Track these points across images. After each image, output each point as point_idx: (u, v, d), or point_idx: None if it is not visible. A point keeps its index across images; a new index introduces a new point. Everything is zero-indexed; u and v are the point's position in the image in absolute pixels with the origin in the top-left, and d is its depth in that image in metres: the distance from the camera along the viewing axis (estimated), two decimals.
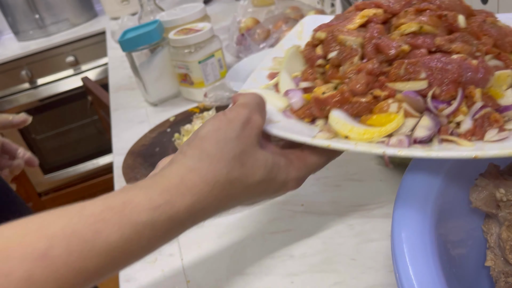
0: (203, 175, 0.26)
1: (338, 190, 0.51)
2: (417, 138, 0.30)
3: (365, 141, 0.31)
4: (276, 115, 0.36)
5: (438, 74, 0.30)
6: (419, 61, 0.31)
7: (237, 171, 0.28)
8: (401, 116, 0.31)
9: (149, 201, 0.25)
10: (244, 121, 0.29)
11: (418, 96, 0.31)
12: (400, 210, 0.29)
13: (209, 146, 0.27)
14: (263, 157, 0.29)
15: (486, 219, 0.34)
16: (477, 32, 0.33)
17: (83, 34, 1.76)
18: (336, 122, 0.32)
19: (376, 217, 0.45)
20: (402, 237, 0.27)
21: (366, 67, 0.33)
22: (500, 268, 0.32)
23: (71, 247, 0.22)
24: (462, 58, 0.31)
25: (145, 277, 0.46)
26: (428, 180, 0.30)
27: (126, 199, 0.24)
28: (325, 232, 0.45)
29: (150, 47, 0.81)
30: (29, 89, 1.79)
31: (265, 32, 0.94)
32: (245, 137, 0.28)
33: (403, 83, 0.31)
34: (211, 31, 0.78)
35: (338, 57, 0.35)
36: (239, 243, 0.47)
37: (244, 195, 0.29)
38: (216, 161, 0.27)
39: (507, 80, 0.31)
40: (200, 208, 0.27)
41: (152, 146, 0.64)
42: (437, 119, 0.31)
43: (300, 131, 0.34)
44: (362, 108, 0.32)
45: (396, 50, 0.32)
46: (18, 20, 1.80)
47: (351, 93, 0.33)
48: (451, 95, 0.30)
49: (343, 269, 0.40)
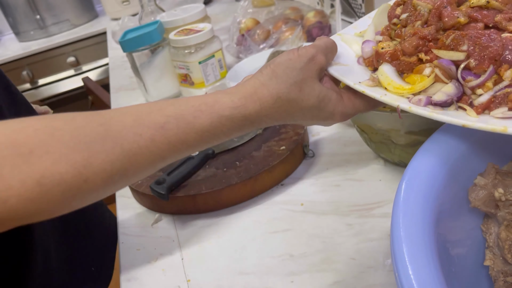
0: (270, 90, 0.35)
1: (337, 190, 0.51)
2: (434, 101, 0.33)
3: (397, 95, 0.35)
4: (351, 60, 0.41)
5: (479, 48, 0.32)
6: (468, 34, 0.33)
7: (295, 94, 0.35)
8: (430, 79, 0.34)
9: (231, 102, 0.34)
10: (310, 57, 0.36)
11: (452, 65, 0.33)
12: (400, 209, 0.29)
13: (279, 70, 0.35)
14: (318, 88, 0.36)
15: (485, 218, 0.34)
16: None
17: (84, 35, 1.76)
18: (381, 74, 0.37)
19: (375, 217, 0.46)
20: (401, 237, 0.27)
21: (419, 32, 0.36)
22: (499, 267, 0.32)
23: (179, 123, 0.31)
24: (510, 38, 0.31)
25: (146, 277, 0.46)
26: (427, 179, 0.31)
27: (216, 99, 0.34)
28: (325, 231, 0.45)
29: (150, 47, 0.81)
30: (30, 89, 1.79)
31: (265, 32, 0.94)
32: (307, 70, 0.36)
33: (446, 51, 0.34)
34: (212, 32, 0.78)
35: (407, 19, 0.38)
36: (239, 243, 0.47)
37: (299, 115, 0.37)
38: (281, 82, 0.35)
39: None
40: (264, 114, 0.35)
41: None
42: (461, 88, 0.33)
43: (357, 76, 0.38)
44: (406, 67, 0.36)
45: (452, 20, 0.34)
46: (19, 21, 1.80)
47: (401, 52, 0.37)
48: (483, 69, 0.32)
49: (342, 269, 0.41)
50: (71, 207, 0.29)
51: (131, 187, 0.57)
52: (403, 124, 0.44)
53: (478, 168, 0.33)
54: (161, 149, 0.31)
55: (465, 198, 0.33)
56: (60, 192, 0.27)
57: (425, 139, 0.33)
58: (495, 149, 0.34)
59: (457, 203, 0.33)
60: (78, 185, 0.27)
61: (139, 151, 0.30)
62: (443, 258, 0.28)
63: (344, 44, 0.43)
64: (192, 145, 0.33)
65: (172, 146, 0.31)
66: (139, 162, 0.30)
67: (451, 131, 0.33)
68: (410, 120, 0.44)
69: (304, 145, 0.58)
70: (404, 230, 0.27)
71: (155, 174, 0.57)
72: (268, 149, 0.56)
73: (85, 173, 0.27)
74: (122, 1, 1.68)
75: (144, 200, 0.56)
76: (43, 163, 0.26)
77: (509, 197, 0.31)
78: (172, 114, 0.32)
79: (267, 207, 0.51)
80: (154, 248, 0.49)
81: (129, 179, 0.31)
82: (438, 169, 0.31)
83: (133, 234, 0.53)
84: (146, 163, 0.31)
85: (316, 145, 0.60)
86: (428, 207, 0.29)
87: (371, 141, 0.51)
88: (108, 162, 0.28)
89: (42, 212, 0.27)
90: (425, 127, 0.43)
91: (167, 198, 0.51)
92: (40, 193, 0.26)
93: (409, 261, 0.25)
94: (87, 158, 0.27)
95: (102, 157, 0.28)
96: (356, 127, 0.52)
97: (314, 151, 0.59)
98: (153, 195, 0.52)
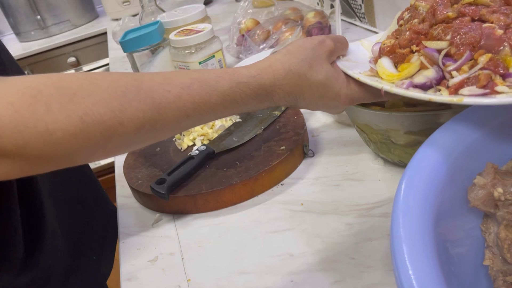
0: (283, 64, 0.39)
1: (337, 190, 0.51)
2: (414, 83, 0.37)
3: (388, 82, 0.39)
4: (364, 59, 0.46)
5: (460, 37, 0.35)
6: (453, 25, 0.36)
7: (305, 69, 0.39)
8: (414, 65, 0.38)
9: (248, 72, 0.38)
10: (320, 40, 0.42)
11: (435, 52, 0.37)
12: (399, 209, 0.29)
13: (293, 49, 0.41)
14: (326, 67, 0.41)
15: (484, 218, 0.34)
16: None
17: (84, 35, 1.76)
18: (378, 65, 0.41)
19: (375, 217, 0.46)
20: (401, 236, 0.27)
21: (414, 27, 0.40)
22: (498, 267, 0.32)
23: (202, 85, 0.35)
24: (490, 27, 0.34)
25: (146, 276, 0.46)
26: (427, 179, 0.31)
27: (235, 70, 0.38)
28: (325, 231, 0.46)
29: (151, 48, 0.81)
30: None
31: (265, 33, 0.95)
32: (318, 50, 0.41)
33: (432, 41, 0.37)
34: (212, 32, 0.78)
35: (409, 19, 0.42)
36: (239, 242, 0.47)
37: (308, 91, 0.40)
38: (293, 57, 0.40)
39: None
40: (277, 85, 0.39)
41: (153, 146, 0.65)
42: (441, 73, 0.36)
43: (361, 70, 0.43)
44: (400, 58, 0.40)
45: (442, 15, 0.38)
46: (19, 21, 1.80)
47: (398, 46, 0.41)
48: (462, 55, 0.35)
49: (342, 268, 0.41)
50: (107, 150, 0.32)
51: (132, 186, 0.57)
52: (403, 124, 0.44)
53: (477, 168, 0.33)
54: (187, 107, 0.34)
55: (464, 198, 0.33)
56: (99, 131, 0.30)
57: (425, 139, 0.33)
58: (494, 148, 0.34)
59: (456, 203, 0.33)
60: (115, 127, 0.31)
61: (167, 105, 0.33)
62: (442, 258, 0.28)
63: (362, 48, 0.48)
64: (214, 107, 0.36)
65: (197, 105, 0.35)
66: (167, 115, 0.34)
67: (450, 131, 0.33)
68: (410, 120, 0.44)
69: (304, 145, 0.58)
70: (404, 230, 0.27)
71: (155, 174, 0.57)
72: (268, 149, 0.57)
73: (120, 116, 0.31)
74: (122, 2, 1.68)
75: (144, 200, 0.56)
76: (85, 103, 0.29)
77: (508, 197, 0.31)
78: (197, 77, 0.36)
79: (267, 207, 0.51)
80: (154, 248, 0.50)
81: (157, 132, 0.34)
82: (438, 169, 0.31)
83: (134, 234, 0.53)
84: (173, 118, 0.34)
85: (316, 145, 0.60)
86: (427, 206, 0.29)
87: (371, 141, 0.51)
88: (141, 111, 0.32)
89: (82, 151, 0.30)
90: (425, 127, 0.43)
91: (167, 198, 0.51)
92: (82, 130, 0.29)
93: (409, 261, 0.25)
94: (123, 103, 0.31)
95: (136, 105, 0.32)
96: (356, 127, 0.52)
97: (314, 151, 0.59)
98: (153, 195, 0.53)
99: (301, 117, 0.62)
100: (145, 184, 0.55)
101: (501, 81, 0.33)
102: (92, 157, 0.32)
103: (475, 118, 0.34)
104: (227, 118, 0.65)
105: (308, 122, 0.66)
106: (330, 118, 0.66)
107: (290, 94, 0.40)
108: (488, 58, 0.34)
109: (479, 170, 0.33)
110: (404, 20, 0.43)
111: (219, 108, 0.36)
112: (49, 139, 0.28)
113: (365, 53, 0.47)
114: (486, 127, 0.34)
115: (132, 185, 0.57)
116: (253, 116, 0.65)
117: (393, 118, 0.44)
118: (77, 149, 0.30)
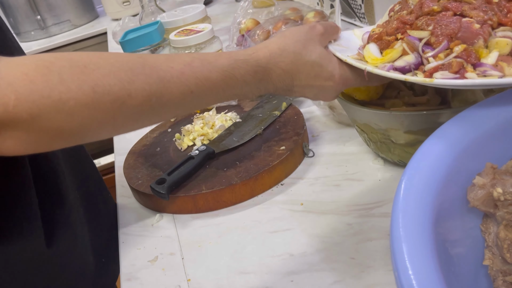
0: (278, 44, 0.41)
1: (337, 190, 0.51)
2: (395, 66, 0.40)
3: (373, 65, 0.42)
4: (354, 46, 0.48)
5: (440, 28, 0.39)
6: (436, 18, 0.40)
7: (299, 48, 0.41)
8: (396, 51, 0.41)
9: (245, 52, 0.40)
10: (312, 26, 0.44)
11: (416, 40, 0.40)
12: (399, 209, 0.29)
13: (286, 33, 0.43)
14: (320, 49, 0.43)
15: (484, 218, 0.34)
16: (508, 6, 0.40)
17: (84, 35, 1.76)
18: (366, 51, 0.45)
19: (375, 216, 0.46)
20: (401, 236, 0.27)
21: (401, 17, 0.43)
22: (498, 267, 0.32)
23: (203, 63, 0.37)
24: (468, 21, 0.38)
25: (146, 276, 0.46)
26: (426, 179, 0.31)
27: (233, 51, 0.40)
28: (325, 231, 0.46)
29: (151, 47, 0.81)
30: None
31: (265, 33, 0.94)
32: (310, 33, 0.43)
33: (415, 31, 0.41)
34: (212, 32, 0.78)
35: (398, 10, 0.46)
36: (239, 242, 0.47)
37: (303, 70, 0.41)
38: (288, 39, 0.42)
39: (505, 47, 0.37)
40: (273, 62, 0.40)
41: (153, 146, 0.65)
42: (420, 59, 0.40)
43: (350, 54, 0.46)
44: (386, 44, 0.43)
45: (428, 8, 0.41)
46: (19, 21, 1.80)
47: (384, 33, 0.44)
48: (440, 44, 0.39)
49: (342, 268, 0.41)
50: (116, 124, 0.33)
51: (132, 186, 0.57)
52: (403, 124, 0.44)
53: (476, 168, 0.33)
54: (190, 82, 0.36)
55: (464, 198, 0.33)
56: (109, 101, 0.31)
57: (425, 138, 0.33)
58: (493, 148, 0.34)
59: (456, 203, 0.33)
60: (123, 98, 0.32)
61: (171, 79, 0.35)
62: (442, 258, 0.28)
63: (354, 36, 0.51)
64: (215, 83, 0.37)
65: (199, 81, 0.36)
66: (172, 90, 0.35)
67: (450, 130, 0.33)
68: (410, 120, 0.44)
69: (304, 145, 0.58)
70: (403, 230, 0.27)
71: (155, 174, 0.57)
72: (268, 149, 0.57)
73: (128, 88, 0.32)
74: (122, 2, 1.68)
75: (144, 200, 0.56)
76: (96, 74, 0.31)
77: (507, 197, 0.31)
78: (197, 56, 0.38)
79: (267, 207, 0.51)
80: (155, 248, 0.50)
81: (164, 107, 0.35)
82: (437, 168, 0.31)
83: (134, 234, 0.53)
84: (178, 93, 0.35)
85: (316, 145, 0.60)
86: (427, 206, 0.29)
87: (371, 141, 0.51)
88: (147, 84, 0.33)
89: (93, 123, 0.31)
90: (424, 127, 0.43)
91: (168, 197, 0.51)
92: (94, 100, 0.30)
93: (408, 261, 0.25)
94: (130, 76, 0.33)
95: (142, 78, 0.33)
96: (355, 127, 0.52)
97: (314, 151, 0.59)
98: (153, 194, 0.53)
99: (301, 117, 0.62)
100: (145, 184, 0.55)
101: (471, 69, 0.37)
102: (102, 131, 0.33)
103: (475, 118, 0.34)
104: (227, 118, 0.65)
105: (308, 122, 0.66)
106: (330, 118, 0.66)
107: (286, 73, 0.41)
108: (462, 48, 0.37)
109: (479, 170, 0.33)
110: (395, 12, 0.46)
111: (220, 85, 0.38)
112: (62, 108, 0.29)
113: (356, 41, 0.50)
114: (485, 127, 0.34)
115: (132, 185, 0.57)
116: (253, 116, 0.65)
117: (393, 117, 0.44)
118: (88, 120, 0.31)
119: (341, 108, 0.61)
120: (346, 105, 0.49)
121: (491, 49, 0.38)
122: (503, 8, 0.39)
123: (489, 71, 0.36)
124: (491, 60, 0.37)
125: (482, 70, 0.37)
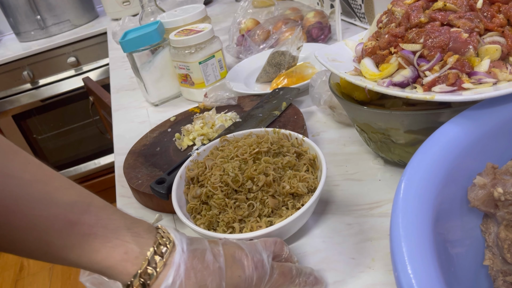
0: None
1: (337, 190, 0.51)
2: (393, 82, 0.42)
3: (371, 80, 0.44)
4: (348, 58, 0.50)
5: (431, 40, 0.40)
6: (425, 29, 0.41)
7: None
8: (393, 65, 0.43)
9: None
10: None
11: (411, 54, 0.42)
12: (399, 209, 0.29)
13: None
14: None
15: (484, 218, 0.34)
16: (491, 10, 0.41)
17: (84, 35, 1.76)
18: (362, 65, 0.46)
19: (375, 216, 0.46)
20: (401, 236, 0.27)
21: (392, 31, 0.44)
22: (498, 267, 0.32)
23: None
24: (457, 31, 0.39)
25: None
26: (426, 179, 0.31)
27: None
28: (325, 231, 0.46)
29: (151, 47, 0.81)
30: (31, 89, 1.79)
31: (265, 33, 0.95)
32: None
33: (408, 44, 0.42)
34: (212, 32, 0.78)
35: (386, 22, 0.47)
36: None
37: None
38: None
39: (495, 53, 0.39)
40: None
41: (153, 146, 0.65)
42: (416, 72, 0.41)
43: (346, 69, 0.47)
44: (381, 58, 0.45)
45: (416, 20, 0.43)
46: (19, 21, 1.80)
47: (377, 47, 0.45)
48: (433, 57, 0.40)
49: (342, 268, 0.41)
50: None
51: (132, 186, 0.57)
52: (403, 123, 0.44)
53: (476, 168, 0.33)
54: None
55: (464, 198, 0.33)
56: None
57: (425, 138, 0.33)
58: (494, 148, 0.34)
59: (456, 203, 0.33)
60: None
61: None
62: (442, 258, 0.28)
63: (347, 47, 0.53)
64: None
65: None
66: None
67: (450, 130, 0.33)
68: (410, 119, 0.44)
69: None
70: (403, 230, 0.27)
71: (155, 174, 0.57)
72: None
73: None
74: (122, 2, 1.68)
75: (144, 200, 0.56)
76: None
77: (508, 197, 0.31)
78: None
79: None
80: None
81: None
82: (438, 168, 0.31)
83: None
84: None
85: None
86: (427, 206, 0.29)
87: (371, 141, 0.51)
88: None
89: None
90: (425, 126, 0.43)
91: (167, 197, 0.51)
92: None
93: (408, 261, 0.25)
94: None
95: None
96: (356, 127, 0.52)
97: None
98: (153, 194, 0.52)
99: (301, 116, 0.62)
100: (145, 184, 0.55)
101: (467, 78, 0.38)
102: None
103: (475, 118, 0.34)
104: (227, 118, 0.65)
105: (308, 122, 0.66)
106: (330, 118, 0.66)
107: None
108: (455, 59, 0.39)
109: (479, 170, 0.33)
110: (383, 24, 0.48)
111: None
112: None
113: (350, 52, 0.51)
114: (485, 127, 0.34)
115: (132, 185, 0.57)
116: (253, 115, 0.65)
117: (393, 117, 0.44)
118: None
119: (341, 108, 0.61)
120: (346, 105, 0.49)
121: (482, 56, 0.39)
122: (487, 13, 0.41)
123: (484, 79, 0.38)
124: (483, 68, 0.38)
125: (477, 78, 0.38)
